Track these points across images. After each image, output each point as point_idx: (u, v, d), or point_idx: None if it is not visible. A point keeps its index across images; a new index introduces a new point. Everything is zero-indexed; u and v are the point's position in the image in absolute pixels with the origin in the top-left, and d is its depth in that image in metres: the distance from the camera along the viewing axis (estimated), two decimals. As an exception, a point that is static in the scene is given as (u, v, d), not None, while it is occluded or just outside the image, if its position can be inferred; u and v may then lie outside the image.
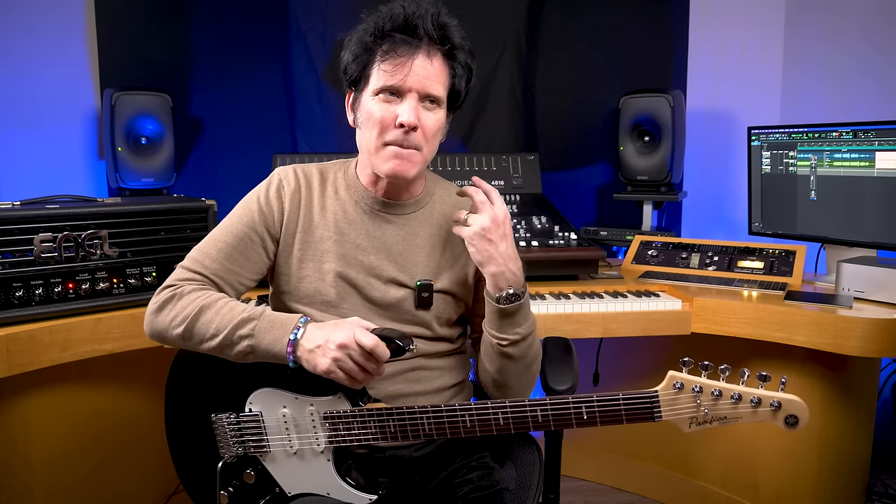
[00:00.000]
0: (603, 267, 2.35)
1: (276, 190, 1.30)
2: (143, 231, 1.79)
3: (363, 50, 1.21)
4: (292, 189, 1.30)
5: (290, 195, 1.29)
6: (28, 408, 1.79)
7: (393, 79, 1.18)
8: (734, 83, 2.87)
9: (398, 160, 1.20)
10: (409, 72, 1.17)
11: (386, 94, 1.19)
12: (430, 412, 1.15)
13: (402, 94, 1.19)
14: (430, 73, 1.19)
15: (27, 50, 2.56)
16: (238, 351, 1.16)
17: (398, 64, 1.17)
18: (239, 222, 1.27)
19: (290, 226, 1.29)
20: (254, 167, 2.61)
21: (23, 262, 1.62)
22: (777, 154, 2.26)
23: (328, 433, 1.19)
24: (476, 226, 1.22)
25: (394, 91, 1.19)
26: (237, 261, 1.26)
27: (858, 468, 2.10)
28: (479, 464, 1.33)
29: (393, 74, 1.18)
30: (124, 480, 2.03)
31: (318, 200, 1.30)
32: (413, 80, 1.17)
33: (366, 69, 1.22)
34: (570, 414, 1.12)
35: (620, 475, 2.51)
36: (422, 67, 1.18)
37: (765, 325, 1.88)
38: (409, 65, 1.17)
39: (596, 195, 2.97)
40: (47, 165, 2.58)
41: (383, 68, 1.19)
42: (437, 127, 1.23)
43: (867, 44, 2.62)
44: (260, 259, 1.28)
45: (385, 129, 1.20)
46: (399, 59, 1.17)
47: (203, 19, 2.70)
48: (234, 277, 1.26)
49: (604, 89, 2.82)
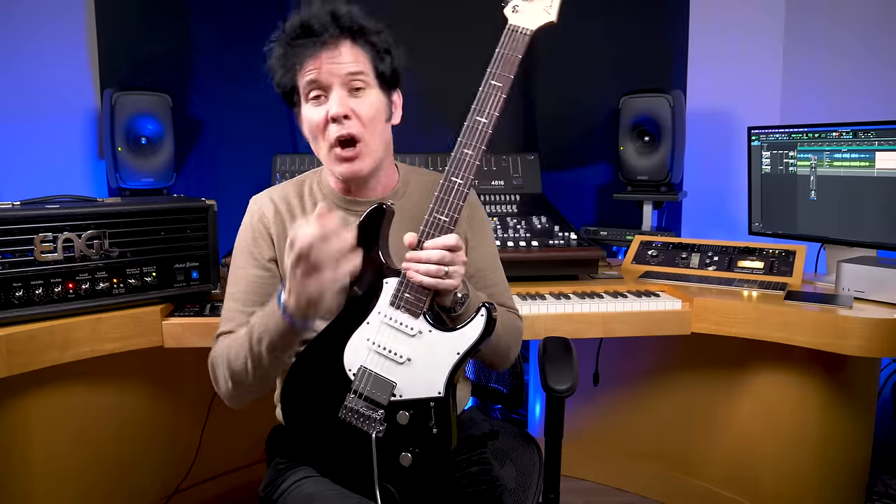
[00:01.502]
0: (603, 267, 2.35)
1: (258, 220, 1.33)
2: (143, 231, 1.78)
3: (283, 68, 1.26)
4: (273, 213, 1.33)
5: (272, 220, 1.33)
6: (28, 408, 1.79)
7: (311, 75, 1.22)
8: (734, 83, 2.88)
9: (346, 162, 1.25)
10: (322, 65, 1.21)
11: (314, 94, 1.23)
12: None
13: (328, 91, 1.23)
14: (341, 60, 1.22)
15: (29, 51, 2.56)
16: (266, 354, 1.18)
17: (311, 63, 1.22)
18: (242, 268, 1.33)
19: (282, 248, 1.30)
20: (254, 167, 2.62)
21: (23, 262, 1.62)
22: (777, 154, 2.26)
23: (405, 310, 1.19)
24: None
25: (319, 87, 1.23)
26: (257, 302, 1.29)
27: (858, 468, 2.10)
28: (478, 459, 1.35)
29: (309, 73, 1.22)
30: (124, 480, 2.02)
31: (300, 216, 1.33)
32: (326, 71, 1.21)
33: (293, 85, 1.26)
34: None
35: (620, 475, 2.51)
36: (330, 58, 1.22)
37: (765, 325, 1.88)
38: (320, 59, 1.21)
39: (596, 195, 2.97)
40: (47, 165, 2.58)
41: (302, 74, 1.23)
42: (372, 110, 1.25)
43: (864, 46, 2.63)
44: (277, 288, 1.29)
45: (323, 131, 1.23)
46: (310, 60, 1.22)
47: (203, 19, 2.70)
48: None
49: (604, 89, 2.82)
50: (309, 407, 1.24)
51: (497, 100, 1.18)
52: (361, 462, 1.20)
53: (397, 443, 1.20)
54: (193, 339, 1.77)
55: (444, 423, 1.19)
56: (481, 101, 1.18)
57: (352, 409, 1.20)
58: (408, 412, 1.19)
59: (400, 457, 1.19)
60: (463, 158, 1.19)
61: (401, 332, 1.20)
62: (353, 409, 1.20)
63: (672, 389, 2.33)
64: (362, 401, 1.20)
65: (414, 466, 1.19)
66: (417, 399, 1.19)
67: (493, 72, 1.18)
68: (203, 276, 1.88)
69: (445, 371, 1.18)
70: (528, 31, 1.19)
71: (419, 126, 2.88)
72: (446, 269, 1.15)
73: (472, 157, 1.19)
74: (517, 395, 1.64)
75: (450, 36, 2.80)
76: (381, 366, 1.20)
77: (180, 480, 2.16)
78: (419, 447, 1.19)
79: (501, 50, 1.19)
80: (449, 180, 1.19)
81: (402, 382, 1.19)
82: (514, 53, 1.18)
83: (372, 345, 1.20)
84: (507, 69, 1.18)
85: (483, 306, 1.19)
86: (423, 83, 2.83)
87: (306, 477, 1.26)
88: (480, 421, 1.44)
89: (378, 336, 1.20)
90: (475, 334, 1.18)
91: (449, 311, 1.22)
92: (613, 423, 2.50)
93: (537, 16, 1.19)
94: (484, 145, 1.19)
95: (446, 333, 1.19)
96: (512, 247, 2.09)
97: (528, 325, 1.88)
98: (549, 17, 1.19)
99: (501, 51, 1.19)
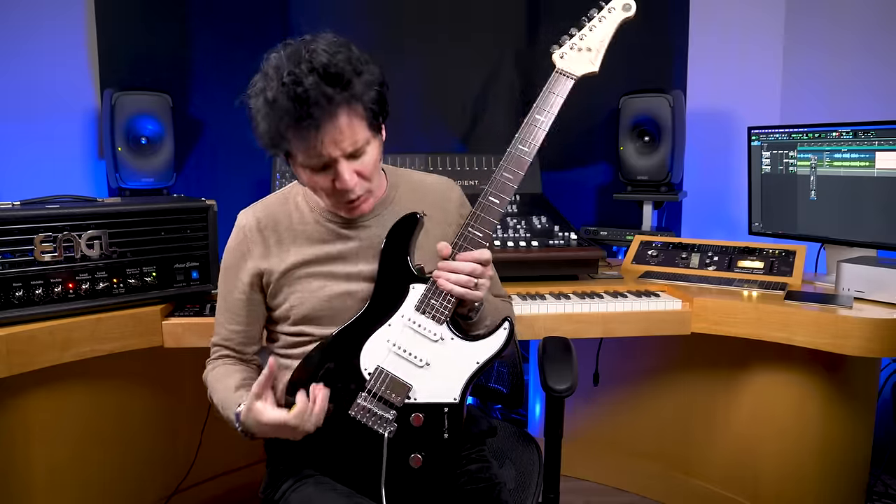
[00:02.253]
0: (603, 267, 2.35)
1: (243, 237, 1.33)
2: (143, 231, 1.78)
3: (272, 142, 1.18)
4: (258, 228, 1.32)
5: (258, 236, 1.32)
6: (28, 408, 1.79)
7: (314, 159, 1.16)
8: (734, 83, 2.87)
9: (355, 208, 1.26)
10: (323, 146, 1.14)
11: (316, 166, 1.17)
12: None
13: (331, 164, 1.17)
14: (343, 134, 1.14)
15: (28, 50, 2.56)
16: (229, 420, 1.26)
17: (311, 146, 1.14)
18: (227, 288, 1.36)
19: (270, 261, 1.31)
20: (254, 167, 2.62)
21: (23, 262, 1.62)
22: (777, 154, 2.26)
23: (430, 315, 1.24)
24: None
25: (323, 163, 1.17)
26: (243, 320, 1.35)
27: (858, 468, 2.10)
28: (477, 456, 1.36)
29: (311, 156, 1.15)
30: (124, 480, 2.02)
31: (287, 229, 1.32)
32: (330, 150, 1.14)
33: (286, 151, 1.20)
34: None
35: (620, 475, 2.51)
36: (330, 136, 1.13)
37: (765, 325, 1.88)
38: (320, 140, 1.13)
39: (596, 195, 2.97)
40: (47, 165, 2.58)
41: (300, 154, 1.16)
42: (373, 161, 1.21)
43: (864, 46, 2.63)
44: (262, 307, 1.36)
45: (330, 193, 1.22)
46: (309, 142, 1.13)
47: (203, 19, 2.71)
48: (249, 334, 1.37)
49: (604, 89, 2.81)
50: None
51: (538, 131, 1.27)
52: (368, 461, 1.21)
53: (406, 444, 1.21)
54: (193, 339, 1.77)
55: (455, 430, 1.21)
56: (524, 132, 1.27)
57: (364, 408, 1.22)
58: (421, 415, 1.21)
59: (410, 458, 1.21)
60: (504, 182, 1.26)
61: (423, 336, 1.23)
62: (365, 408, 1.22)
63: (672, 389, 2.33)
64: (376, 400, 1.22)
65: (421, 469, 1.21)
66: (432, 403, 1.22)
67: (539, 106, 1.28)
68: (203, 275, 1.88)
69: (464, 378, 1.22)
70: (574, 76, 1.30)
71: (419, 126, 2.89)
72: (476, 282, 1.21)
73: (511, 180, 1.26)
74: (517, 394, 1.64)
75: (451, 43, 2.81)
76: (400, 368, 1.23)
77: (180, 480, 2.16)
78: (427, 451, 1.21)
79: (547, 88, 1.30)
80: (488, 199, 1.26)
81: (419, 385, 1.22)
82: (557, 95, 1.29)
83: (392, 346, 1.23)
84: (550, 106, 1.28)
85: (506, 320, 1.26)
86: (423, 85, 2.84)
87: (306, 478, 1.26)
88: (479, 418, 1.44)
89: (400, 338, 1.23)
90: (496, 346, 1.24)
91: (464, 318, 1.27)
92: (613, 423, 2.50)
93: (582, 65, 1.31)
94: (523, 172, 1.27)
95: (468, 342, 1.24)
96: (512, 247, 2.09)
97: (528, 325, 1.89)
98: (593, 67, 1.31)
99: (547, 89, 1.30)
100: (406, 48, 2.82)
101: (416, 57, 2.81)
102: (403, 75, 2.69)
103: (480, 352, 1.23)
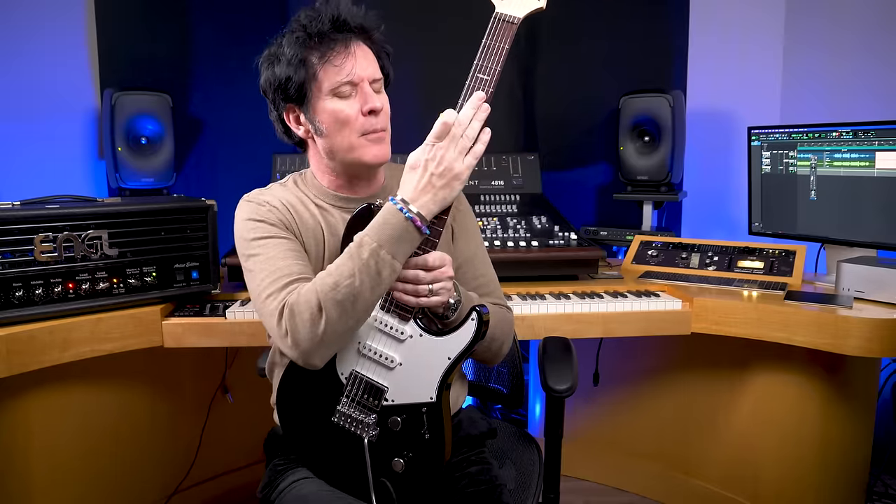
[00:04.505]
0: (603, 267, 2.35)
1: (259, 205, 1.27)
2: (143, 231, 1.78)
3: (299, 61, 1.20)
4: (270, 206, 1.27)
5: (273, 210, 1.27)
6: (28, 408, 1.79)
7: (346, 73, 1.20)
8: (734, 83, 2.87)
9: (378, 145, 1.25)
10: (356, 62, 1.21)
11: (344, 90, 1.21)
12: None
13: (355, 85, 1.22)
14: (369, 60, 1.24)
15: (29, 51, 2.56)
16: (376, 266, 1.09)
17: (344, 58, 1.20)
18: (268, 241, 1.23)
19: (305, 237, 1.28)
20: (254, 167, 2.61)
21: (23, 262, 1.62)
22: (777, 154, 2.26)
23: (395, 314, 1.17)
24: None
25: (351, 84, 1.21)
26: (302, 257, 1.23)
27: (858, 468, 2.10)
28: (477, 458, 1.35)
29: (342, 69, 1.20)
30: (124, 480, 2.03)
31: (294, 215, 1.29)
32: (360, 68, 1.22)
33: (307, 80, 1.21)
34: None
35: (620, 475, 2.51)
36: (362, 56, 1.22)
37: (765, 325, 1.88)
38: (353, 56, 1.21)
39: (596, 195, 2.97)
40: (47, 165, 2.58)
41: (332, 67, 1.20)
42: (388, 107, 1.28)
43: (864, 46, 2.63)
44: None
45: (355, 123, 1.22)
46: (342, 54, 1.20)
47: (203, 19, 2.71)
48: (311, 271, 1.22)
49: (604, 89, 2.82)
50: (303, 412, 1.24)
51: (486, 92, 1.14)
52: (356, 466, 1.20)
53: (390, 448, 1.20)
54: (193, 339, 1.77)
55: (437, 429, 1.18)
56: (465, 97, 1.16)
57: (345, 414, 1.20)
58: (400, 417, 1.19)
59: (392, 462, 1.19)
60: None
61: (391, 336, 1.19)
62: (346, 414, 1.20)
63: (672, 389, 2.33)
64: (355, 405, 1.20)
65: (407, 472, 1.19)
66: (409, 404, 1.19)
67: (480, 64, 1.13)
68: (203, 276, 1.88)
69: (437, 376, 1.17)
70: (516, 19, 1.12)
71: (419, 125, 2.89)
72: (430, 288, 1.14)
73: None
74: (517, 395, 1.64)
75: (451, 35, 2.79)
76: (373, 371, 1.19)
77: (180, 480, 2.16)
78: (412, 452, 1.19)
79: (487, 41, 1.13)
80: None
81: (394, 387, 1.19)
82: (501, 44, 1.12)
83: (363, 348, 1.19)
84: (495, 61, 1.12)
85: (474, 310, 1.18)
86: (422, 80, 2.83)
87: (303, 478, 1.26)
88: (478, 420, 1.44)
89: (369, 340, 1.19)
90: (466, 339, 1.17)
91: (441, 318, 1.22)
92: (613, 423, 2.50)
93: (525, 2, 1.11)
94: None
95: (437, 338, 1.18)
96: (512, 247, 2.09)
97: (528, 325, 1.89)
98: (538, 3, 1.11)
99: (487, 41, 1.12)
100: (405, 46, 2.82)
101: (415, 55, 2.81)
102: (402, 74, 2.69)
103: (451, 347, 1.17)
